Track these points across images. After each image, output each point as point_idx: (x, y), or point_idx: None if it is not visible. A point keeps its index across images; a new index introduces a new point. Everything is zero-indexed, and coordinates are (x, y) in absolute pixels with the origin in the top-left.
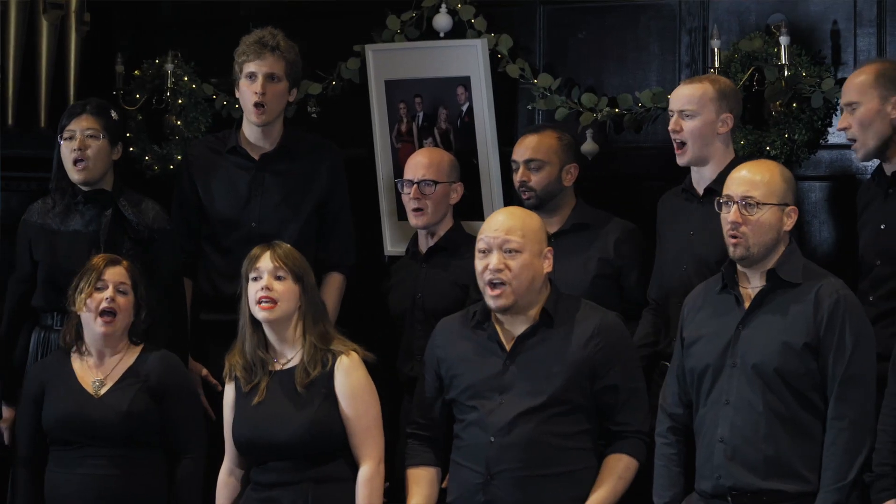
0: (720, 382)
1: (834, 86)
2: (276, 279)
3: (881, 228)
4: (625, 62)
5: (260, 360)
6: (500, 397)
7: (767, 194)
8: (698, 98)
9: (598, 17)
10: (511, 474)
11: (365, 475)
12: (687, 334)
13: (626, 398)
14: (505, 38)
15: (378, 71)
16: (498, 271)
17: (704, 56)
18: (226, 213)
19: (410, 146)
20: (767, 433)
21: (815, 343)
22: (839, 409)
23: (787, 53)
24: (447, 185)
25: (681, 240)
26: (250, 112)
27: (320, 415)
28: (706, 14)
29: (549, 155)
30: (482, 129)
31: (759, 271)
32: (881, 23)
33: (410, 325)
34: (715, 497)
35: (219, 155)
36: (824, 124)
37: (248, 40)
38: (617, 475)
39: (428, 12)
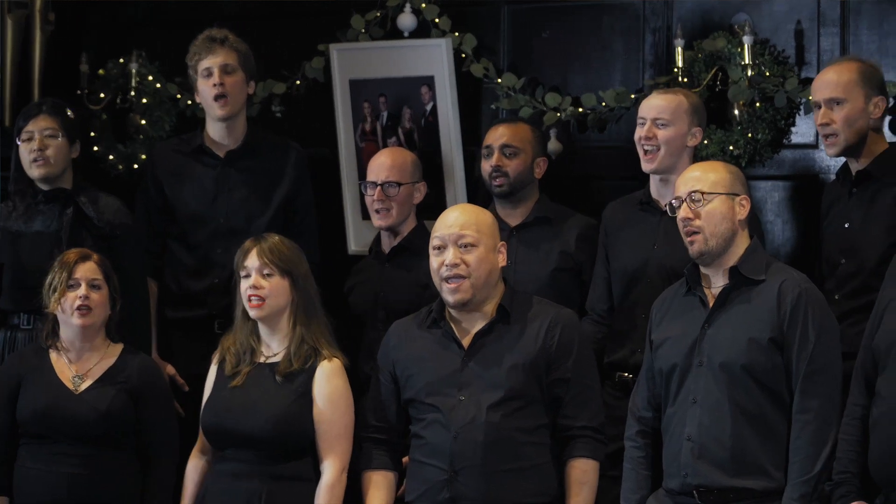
0: (687, 382)
1: (797, 85)
2: (263, 276)
3: (845, 227)
4: (589, 62)
5: (250, 349)
6: (460, 394)
7: (713, 185)
8: (674, 108)
9: (562, 17)
10: (476, 470)
11: (328, 481)
12: (655, 337)
13: (576, 392)
14: (469, 38)
15: (342, 70)
16: (455, 266)
17: (668, 56)
18: (193, 211)
19: (374, 145)
20: (734, 431)
21: (779, 338)
22: (804, 402)
23: (750, 53)
24: (411, 185)
25: (641, 251)
26: (213, 106)
27: (291, 410)
28: (670, 14)
29: (524, 143)
30: (446, 128)
31: (722, 269)
32: (845, 23)
33: (373, 325)
34: (682, 494)
35: (184, 155)
36: (788, 124)
37: (196, 41)
38: (580, 482)
39: (392, 12)
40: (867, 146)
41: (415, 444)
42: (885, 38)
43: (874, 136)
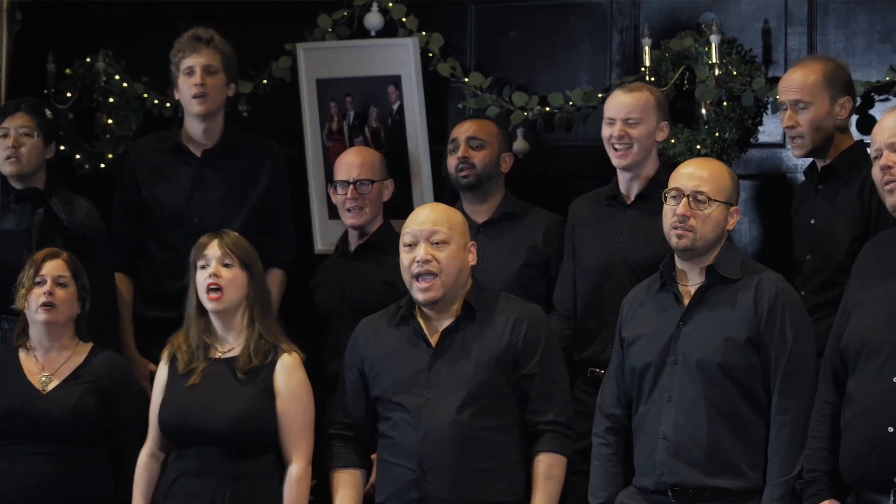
0: (662, 380)
1: (765, 84)
2: (223, 266)
3: (811, 223)
4: (556, 61)
5: (203, 345)
6: (427, 393)
7: (717, 191)
8: (642, 106)
9: (529, 17)
10: (444, 469)
11: (294, 475)
12: (626, 334)
13: (543, 387)
14: (436, 37)
15: (309, 70)
16: (426, 262)
17: (635, 55)
18: (169, 210)
19: (341, 145)
20: (710, 430)
21: (756, 337)
22: (782, 402)
23: (717, 52)
24: (381, 183)
25: (608, 247)
26: (191, 103)
27: (254, 406)
28: (637, 13)
29: (490, 137)
30: (413, 127)
31: (698, 267)
32: (812, 22)
33: (338, 323)
34: (656, 493)
35: (161, 153)
36: (755, 123)
37: (182, 38)
38: (545, 477)
39: (359, 11)
40: (833, 144)
41: (382, 444)
42: (852, 37)
43: (843, 135)
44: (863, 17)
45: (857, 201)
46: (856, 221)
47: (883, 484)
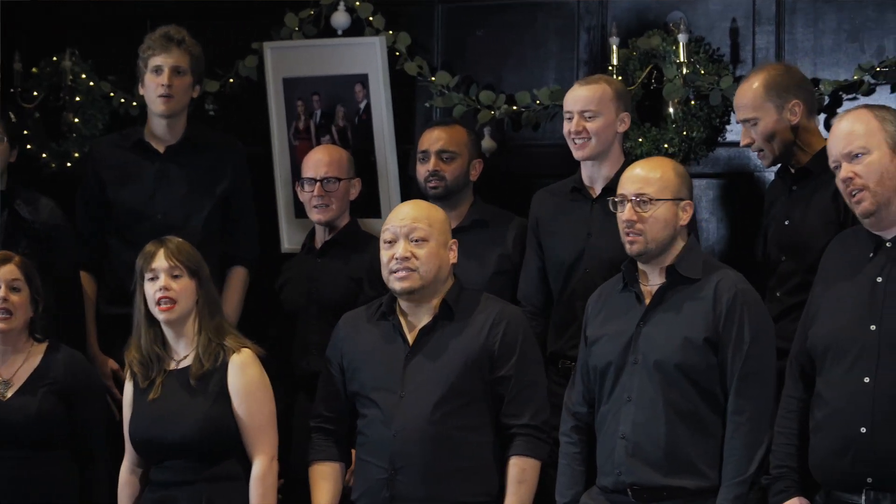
0: (622, 380)
1: (732, 83)
2: (172, 278)
3: (785, 224)
4: (523, 60)
5: (156, 356)
6: (401, 391)
7: (661, 190)
8: (598, 98)
9: (497, 15)
10: (416, 469)
11: (258, 472)
12: (590, 333)
13: (519, 390)
14: (403, 36)
15: (276, 69)
16: (405, 259)
17: (603, 54)
18: (132, 206)
19: (308, 144)
20: (668, 430)
21: (714, 338)
22: (738, 403)
23: (685, 51)
24: (348, 181)
25: (576, 241)
26: (156, 102)
27: (213, 413)
28: (604, 12)
29: (460, 147)
30: (380, 126)
31: (659, 268)
32: (780, 21)
33: (305, 320)
34: (615, 492)
35: (124, 150)
36: (722, 122)
37: (153, 35)
38: (518, 481)
39: (326, 10)
40: (805, 143)
41: (359, 441)
42: (820, 36)
43: (807, 136)
44: (830, 16)
45: (832, 204)
46: (831, 224)
47: (856, 484)
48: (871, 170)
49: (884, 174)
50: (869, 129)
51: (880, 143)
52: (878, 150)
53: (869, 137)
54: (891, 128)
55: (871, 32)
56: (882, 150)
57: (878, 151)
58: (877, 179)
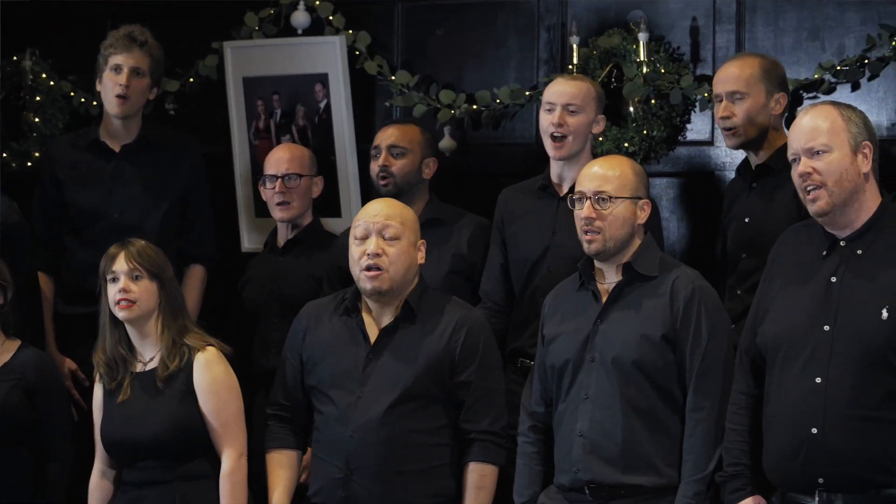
0: (580, 378)
1: (693, 82)
2: (132, 280)
3: (745, 222)
4: (483, 59)
5: (122, 358)
6: (359, 390)
7: (619, 188)
8: (583, 95)
9: (457, 15)
10: (371, 470)
11: (227, 469)
12: (547, 332)
13: (478, 396)
14: (363, 35)
15: (236, 68)
16: (376, 255)
17: (563, 53)
18: (88, 206)
19: (268, 143)
20: (626, 427)
21: (672, 335)
22: (697, 400)
23: (645, 50)
24: (310, 178)
25: (541, 238)
26: (112, 103)
27: (180, 412)
28: (564, 11)
29: (412, 144)
30: (340, 126)
31: (615, 265)
32: (740, 20)
33: (267, 318)
34: (573, 490)
35: (79, 149)
36: (683, 121)
37: (117, 34)
38: (476, 487)
39: (286, 9)
40: (767, 141)
41: (315, 437)
42: (780, 35)
43: (774, 132)
44: (791, 15)
45: (793, 200)
46: (791, 220)
47: (808, 485)
48: (831, 169)
49: (843, 175)
50: (833, 127)
51: (843, 143)
52: (840, 150)
53: (832, 136)
54: (854, 129)
55: (831, 31)
56: (843, 151)
57: (840, 151)
58: (835, 179)
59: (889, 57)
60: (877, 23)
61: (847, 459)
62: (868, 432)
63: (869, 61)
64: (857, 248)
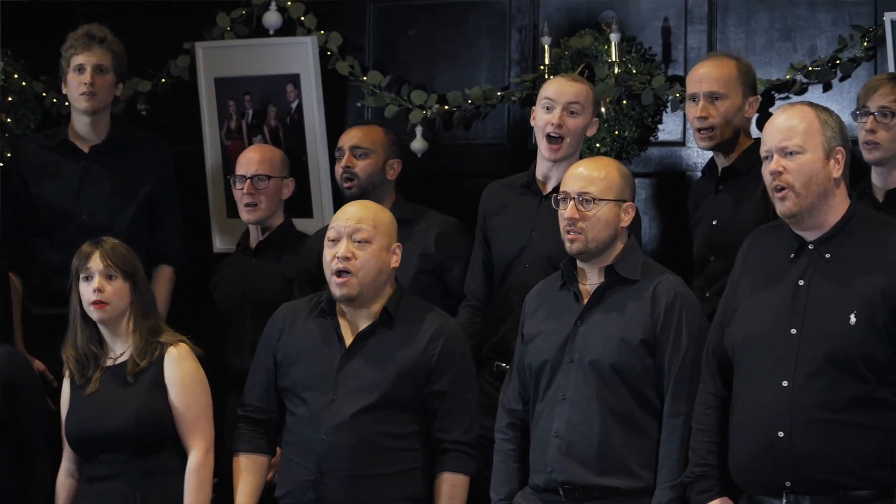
0: (557, 378)
1: (664, 83)
2: (106, 279)
3: (713, 224)
4: (455, 59)
5: (92, 354)
6: (332, 393)
7: (604, 190)
8: (584, 96)
9: (428, 15)
10: (342, 473)
11: (193, 464)
12: (526, 331)
13: (452, 406)
14: (335, 36)
15: (208, 68)
16: (346, 259)
17: (534, 53)
18: (57, 207)
19: (240, 143)
20: (602, 429)
21: (651, 340)
22: (675, 406)
23: (617, 51)
24: (280, 180)
25: (520, 236)
26: (79, 100)
27: (148, 405)
28: (536, 11)
29: (375, 145)
30: (311, 126)
31: (598, 267)
32: (712, 20)
33: (239, 320)
34: (547, 491)
35: (48, 150)
36: (654, 121)
37: (75, 34)
38: (448, 497)
39: (258, 10)
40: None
41: (286, 438)
42: (752, 35)
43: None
44: (762, 16)
45: (761, 203)
46: (759, 222)
47: (775, 488)
48: (802, 171)
49: (812, 178)
50: (809, 129)
51: (816, 147)
52: (813, 153)
53: (807, 138)
54: (829, 133)
55: (802, 32)
56: (816, 154)
57: (813, 154)
58: (804, 181)
59: (860, 58)
60: (848, 23)
61: (813, 462)
62: (834, 436)
63: (840, 62)
64: (826, 251)
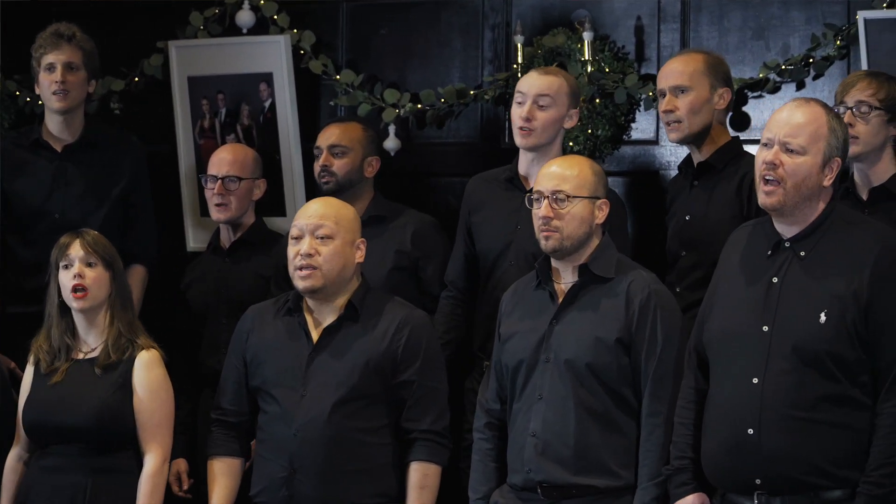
0: (534, 378)
1: (637, 81)
2: (87, 266)
3: (686, 219)
4: (427, 58)
5: (65, 346)
6: (303, 389)
7: (577, 187)
8: (555, 89)
9: (401, 14)
10: (314, 469)
11: (149, 470)
12: (503, 330)
13: (420, 395)
14: (308, 35)
15: (181, 67)
16: (308, 255)
17: (507, 52)
18: (30, 205)
19: (213, 142)
20: (578, 428)
21: (627, 338)
22: (653, 405)
23: (590, 49)
24: (251, 181)
25: (505, 231)
26: (51, 99)
27: (111, 402)
28: (509, 10)
29: (353, 143)
30: (285, 125)
31: (572, 266)
32: (685, 19)
33: (215, 319)
34: (525, 490)
35: (21, 149)
36: (627, 120)
37: (43, 34)
38: (419, 486)
39: (231, 9)
40: (710, 138)
41: (259, 437)
42: (725, 34)
43: (718, 129)
44: (735, 14)
45: (735, 198)
46: (734, 218)
47: (746, 486)
48: (797, 172)
49: (804, 181)
50: (817, 132)
51: (818, 152)
52: (812, 158)
53: (812, 141)
54: (834, 142)
55: (776, 30)
56: (815, 159)
57: (812, 159)
58: (795, 182)
59: (833, 56)
60: (821, 22)
61: (782, 460)
62: (803, 434)
63: (814, 60)
64: (801, 249)
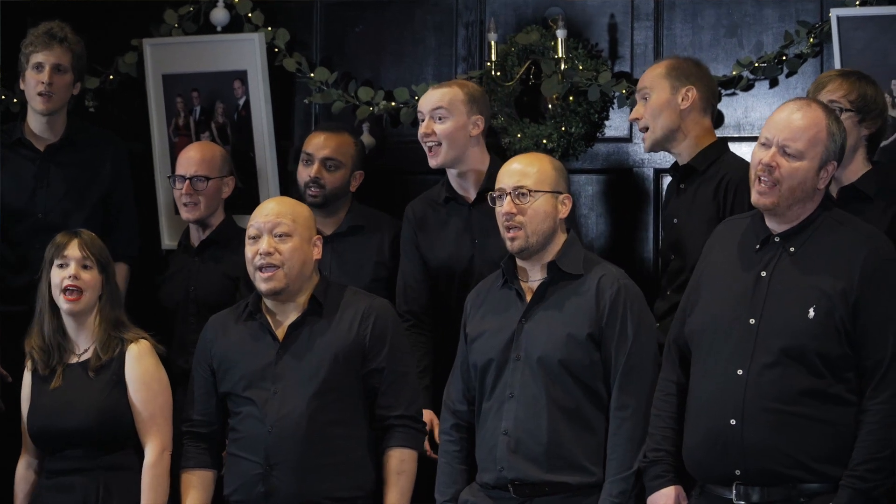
0: (504, 376)
1: (611, 79)
2: (83, 268)
3: (674, 223)
4: (402, 56)
5: (58, 345)
6: (274, 387)
7: (539, 182)
8: (448, 100)
9: (375, 12)
10: (290, 464)
11: (149, 462)
12: (469, 330)
13: (391, 381)
14: (282, 32)
15: (155, 65)
16: (268, 255)
17: (481, 50)
18: (12, 205)
19: (188, 140)
20: (550, 426)
21: (597, 334)
22: (622, 398)
23: (563, 47)
24: (219, 179)
25: (462, 248)
26: (35, 100)
27: (109, 402)
28: (483, 8)
29: (346, 157)
30: (259, 123)
31: (539, 264)
32: (658, 16)
33: (184, 319)
34: (496, 489)
35: (3, 148)
36: (601, 117)
37: (36, 31)
38: (397, 472)
39: (205, 6)
40: (691, 140)
41: (231, 437)
42: (698, 32)
43: (699, 130)
44: (709, 12)
45: (712, 201)
46: (711, 221)
47: (725, 477)
48: (793, 176)
49: (800, 184)
50: (816, 137)
51: (815, 157)
52: (809, 163)
53: (810, 146)
54: (832, 146)
55: (749, 28)
56: (812, 164)
57: (809, 163)
58: (790, 185)
59: (807, 54)
60: (794, 19)
61: (763, 452)
62: (784, 427)
63: (787, 58)
64: (791, 244)
